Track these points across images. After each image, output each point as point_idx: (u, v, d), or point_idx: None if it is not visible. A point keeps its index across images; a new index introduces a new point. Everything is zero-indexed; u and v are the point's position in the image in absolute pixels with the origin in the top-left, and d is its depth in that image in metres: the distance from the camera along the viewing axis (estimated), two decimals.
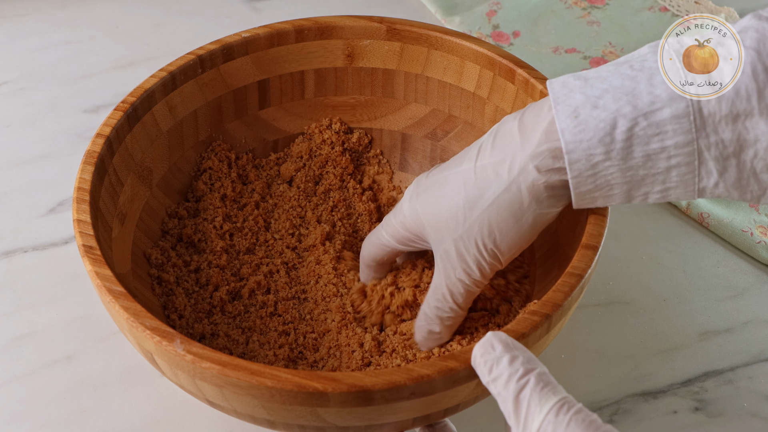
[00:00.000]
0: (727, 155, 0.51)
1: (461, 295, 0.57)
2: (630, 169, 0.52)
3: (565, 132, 0.52)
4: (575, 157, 0.52)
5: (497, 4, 0.97)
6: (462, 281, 0.57)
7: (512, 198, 0.54)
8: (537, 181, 0.54)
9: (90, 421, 0.63)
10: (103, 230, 0.59)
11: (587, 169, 0.52)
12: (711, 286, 0.73)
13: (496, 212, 0.55)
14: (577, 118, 0.52)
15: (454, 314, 0.58)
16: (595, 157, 0.52)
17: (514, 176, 0.54)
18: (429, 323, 0.59)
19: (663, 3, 0.98)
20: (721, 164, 0.51)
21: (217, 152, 0.72)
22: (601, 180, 0.52)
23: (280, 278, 0.67)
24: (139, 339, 0.53)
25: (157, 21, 0.96)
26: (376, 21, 0.71)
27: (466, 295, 0.58)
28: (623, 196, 0.53)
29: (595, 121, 0.51)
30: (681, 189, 0.52)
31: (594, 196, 0.54)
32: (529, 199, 0.54)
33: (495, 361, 0.47)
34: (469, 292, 0.57)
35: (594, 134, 0.51)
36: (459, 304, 0.58)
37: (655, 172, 0.52)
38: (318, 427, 0.52)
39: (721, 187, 0.52)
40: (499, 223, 0.55)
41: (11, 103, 0.87)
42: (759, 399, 0.66)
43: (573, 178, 0.53)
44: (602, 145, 0.51)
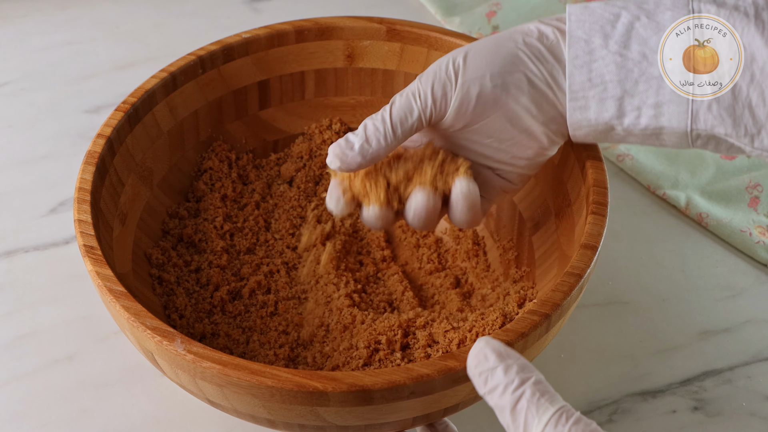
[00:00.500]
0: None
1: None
2: (625, 63, 0.53)
3: (572, 15, 0.54)
4: (575, 37, 0.53)
5: (497, 5, 0.97)
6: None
7: (503, 35, 0.56)
8: (533, 27, 0.56)
9: (91, 420, 0.64)
10: (104, 230, 0.59)
11: (585, 53, 0.53)
12: (710, 285, 0.73)
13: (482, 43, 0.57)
14: (587, 9, 0.54)
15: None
16: (594, 42, 0.53)
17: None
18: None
19: None
20: None
21: (218, 152, 0.72)
22: (596, 72, 0.53)
23: (280, 278, 0.67)
24: (139, 339, 0.53)
25: (158, 21, 0.97)
26: (376, 22, 0.71)
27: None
28: (616, 104, 0.53)
29: (601, 11, 0.54)
30: (674, 106, 0.52)
31: (587, 96, 0.54)
32: (519, 36, 0.56)
33: (489, 372, 0.46)
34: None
35: (597, 20, 0.53)
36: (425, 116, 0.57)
37: (650, 75, 0.52)
38: (318, 426, 0.52)
39: (714, 110, 0.52)
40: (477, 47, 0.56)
41: (12, 104, 0.87)
42: (758, 398, 0.66)
43: (570, 61, 0.54)
44: (602, 31, 0.53)
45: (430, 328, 0.61)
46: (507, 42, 0.56)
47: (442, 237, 0.72)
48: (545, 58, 0.55)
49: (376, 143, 0.55)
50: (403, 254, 0.72)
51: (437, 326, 0.60)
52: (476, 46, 0.57)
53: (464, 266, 0.70)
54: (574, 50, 0.54)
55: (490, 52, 0.56)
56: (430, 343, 0.60)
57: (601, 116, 0.54)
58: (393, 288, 0.68)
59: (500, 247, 0.69)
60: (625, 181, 0.81)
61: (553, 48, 0.55)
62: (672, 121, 0.53)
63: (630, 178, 0.81)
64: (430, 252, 0.71)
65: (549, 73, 0.55)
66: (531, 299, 0.62)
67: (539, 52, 0.55)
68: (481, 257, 0.70)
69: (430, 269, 0.70)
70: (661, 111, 0.53)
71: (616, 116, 0.54)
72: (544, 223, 0.65)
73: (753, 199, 0.78)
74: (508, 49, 0.56)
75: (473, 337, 0.59)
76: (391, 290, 0.68)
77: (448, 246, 0.71)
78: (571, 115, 0.55)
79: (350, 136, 0.55)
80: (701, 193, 0.78)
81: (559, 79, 0.55)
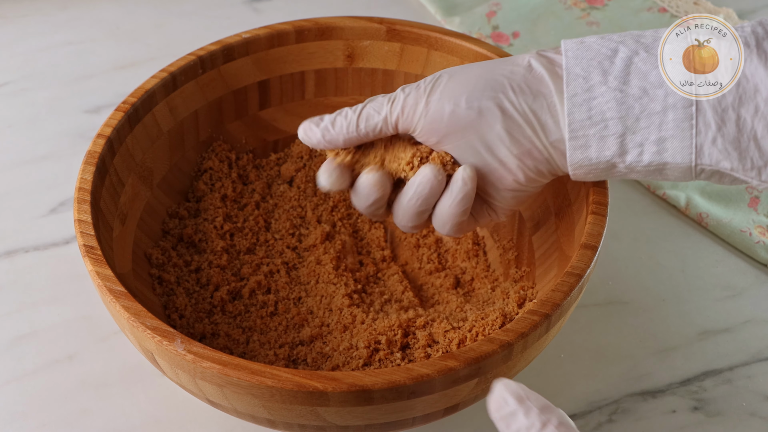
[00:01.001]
0: (725, 105, 0.50)
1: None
2: (626, 100, 0.52)
3: (569, 51, 0.53)
4: (573, 74, 0.52)
5: (497, 5, 0.97)
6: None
7: (495, 62, 0.56)
8: (526, 58, 0.55)
9: (91, 420, 0.64)
10: (104, 230, 0.59)
11: (584, 91, 0.52)
12: (710, 285, 0.73)
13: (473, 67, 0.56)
14: (583, 44, 0.53)
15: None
16: (593, 78, 0.52)
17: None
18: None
19: (662, 4, 0.98)
20: (719, 116, 0.50)
21: (218, 152, 0.72)
22: (596, 110, 0.52)
23: (280, 278, 0.67)
24: (139, 339, 0.53)
25: (158, 22, 0.97)
26: (376, 22, 0.71)
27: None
28: (618, 141, 0.52)
29: (598, 46, 0.53)
30: (678, 141, 0.51)
31: (587, 134, 0.53)
32: (508, 65, 0.55)
33: (511, 416, 0.45)
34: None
35: (595, 56, 0.52)
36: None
37: (651, 111, 0.51)
38: (318, 426, 0.52)
39: (719, 144, 0.51)
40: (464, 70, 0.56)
41: (12, 104, 0.87)
42: (758, 398, 0.66)
43: (568, 99, 0.52)
44: (601, 67, 0.52)
45: (430, 328, 0.61)
46: (495, 69, 0.55)
47: (442, 237, 0.72)
48: (529, 90, 0.54)
49: (338, 129, 0.57)
50: (403, 254, 0.72)
51: (437, 326, 0.60)
52: (465, 68, 0.57)
53: (464, 266, 0.70)
54: (573, 87, 0.53)
55: (475, 75, 0.55)
56: (430, 343, 0.60)
57: (603, 154, 0.53)
58: (393, 288, 0.68)
59: (500, 247, 0.69)
60: (625, 181, 0.81)
61: (539, 82, 0.54)
62: (676, 157, 0.52)
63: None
64: (430, 252, 0.71)
65: (529, 106, 0.54)
66: (531, 299, 0.62)
67: (524, 84, 0.54)
68: (481, 257, 0.70)
69: (430, 269, 0.70)
70: (665, 147, 0.52)
71: (618, 154, 0.53)
72: (544, 223, 0.65)
73: (753, 199, 0.78)
74: (493, 76, 0.55)
75: (473, 337, 0.59)
76: (391, 290, 0.68)
77: (448, 246, 0.71)
78: (571, 155, 0.54)
79: (325, 116, 0.58)
80: (701, 193, 0.78)
81: (540, 114, 0.54)
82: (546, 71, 0.54)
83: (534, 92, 0.54)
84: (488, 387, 0.54)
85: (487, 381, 0.53)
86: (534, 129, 0.54)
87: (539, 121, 0.54)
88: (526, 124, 0.54)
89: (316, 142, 0.58)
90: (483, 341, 0.51)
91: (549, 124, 0.54)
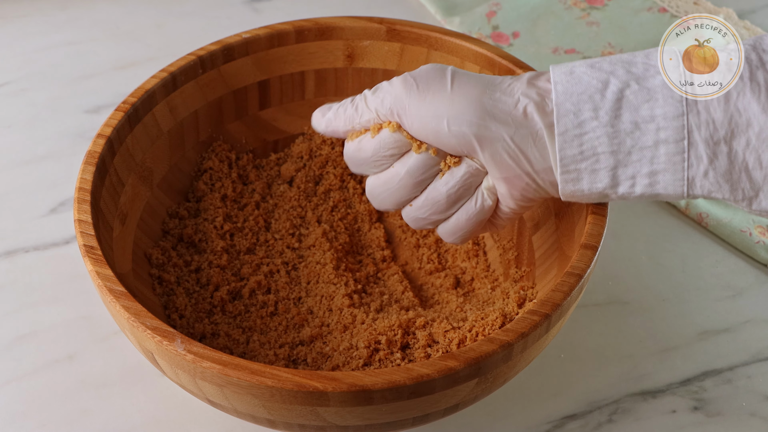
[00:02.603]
0: (718, 139, 0.50)
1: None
2: (617, 134, 0.51)
3: (558, 84, 0.52)
4: (564, 110, 0.52)
5: (497, 5, 0.97)
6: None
7: (486, 80, 0.55)
8: (521, 94, 0.54)
9: (91, 420, 0.64)
10: (104, 230, 0.59)
11: (574, 126, 0.52)
12: (710, 285, 0.73)
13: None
14: (572, 75, 0.53)
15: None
16: (583, 114, 0.51)
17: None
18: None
19: (662, 4, 0.98)
20: (711, 149, 0.50)
21: (218, 152, 0.72)
22: (587, 145, 0.52)
23: (280, 278, 0.67)
24: (140, 339, 0.53)
25: (158, 22, 0.97)
26: (376, 22, 0.71)
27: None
28: (609, 174, 0.52)
29: (588, 78, 0.52)
30: (670, 174, 0.51)
31: (579, 168, 0.53)
32: (495, 91, 0.54)
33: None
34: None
35: (585, 89, 0.52)
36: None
37: (643, 145, 0.51)
38: (318, 426, 0.52)
39: (711, 177, 0.51)
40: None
41: (12, 104, 0.87)
42: (758, 398, 0.66)
43: (559, 135, 0.52)
44: (591, 102, 0.51)
45: (430, 328, 0.61)
46: (483, 93, 0.54)
47: None
48: (513, 122, 0.53)
49: (339, 121, 0.60)
50: (403, 254, 0.72)
51: (437, 326, 0.60)
52: (455, 87, 0.55)
53: (464, 266, 0.70)
54: (564, 124, 0.52)
55: (461, 98, 0.54)
56: (430, 343, 0.60)
57: (594, 186, 0.53)
58: (393, 288, 0.68)
59: (500, 247, 0.69)
60: None
61: (526, 116, 0.53)
62: (668, 189, 0.52)
63: None
64: (430, 252, 0.71)
65: (512, 138, 0.53)
66: (531, 299, 0.62)
67: (509, 116, 0.53)
68: (481, 257, 0.70)
69: (430, 269, 0.70)
70: (656, 180, 0.52)
71: (609, 186, 0.53)
72: (544, 223, 0.65)
73: None
74: (480, 102, 0.54)
75: (473, 337, 0.59)
76: (391, 290, 0.68)
77: (448, 246, 0.71)
78: (563, 187, 0.54)
79: (333, 105, 0.61)
80: None
81: (524, 147, 0.53)
82: (534, 106, 0.53)
83: (519, 124, 0.53)
84: (488, 387, 0.54)
85: (487, 381, 0.53)
86: (517, 159, 0.54)
87: (523, 153, 0.54)
88: (508, 155, 0.54)
89: (322, 129, 0.62)
90: (483, 341, 0.51)
91: (534, 155, 0.54)
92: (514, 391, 0.65)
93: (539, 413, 0.65)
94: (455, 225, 0.59)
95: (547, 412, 0.65)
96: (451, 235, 0.59)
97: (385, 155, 0.57)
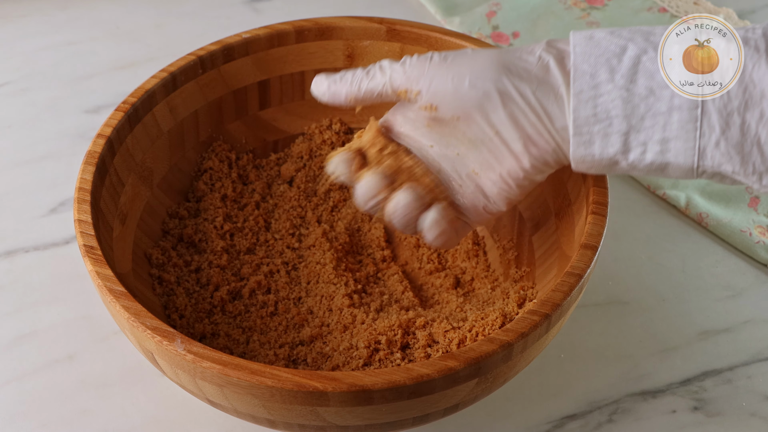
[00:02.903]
0: (731, 109, 0.50)
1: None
2: (632, 99, 0.52)
3: (577, 46, 0.53)
4: (581, 71, 0.52)
5: (497, 5, 0.97)
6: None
7: (507, 49, 0.57)
8: (537, 48, 0.55)
9: (91, 420, 0.64)
10: (104, 230, 0.59)
11: (590, 88, 0.52)
12: (710, 285, 0.73)
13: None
14: (591, 39, 0.53)
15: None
16: (600, 76, 0.52)
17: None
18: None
19: (662, 4, 0.98)
20: (724, 119, 0.50)
21: (218, 152, 0.72)
22: (601, 107, 0.52)
23: (280, 278, 0.67)
24: (139, 339, 0.53)
25: (158, 22, 0.97)
26: (376, 22, 0.71)
27: None
28: (621, 139, 0.53)
29: (607, 43, 0.53)
30: (681, 142, 0.51)
31: (592, 131, 0.53)
32: (519, 52, 0.56)
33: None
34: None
35: (603, 53, 0.52)
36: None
37: (657, 111, 0.51)
38: (318, 426, 0.52)
39: (722, 147, 0.51)
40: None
41: (13, 104, 0.87)
42: (758, 398, 0.66)
43: (574, 95, 0.53)
44: (608, 65, 0.52)
45: (430, 328, 0.61)
46: (504, 54, 0.56)
47: None
48: (535, 78, 0.54)
49: (343, 83, 0.60)
50: (403, 254, 0.72)
51: (437, 326, 0.60)
52: (477, 51, 0.57)
53: (464, 266, 0.70)
54: (579, 84, 0.53)
55: (482, 57, 0.56)
56: (430, 343, 0.60)
57: (606, 151, 0.53)
58: (393, 288, 0.68)
59: (500, 247, 0.69)
60: (625, 181, 0.81)
61: (547, 72, 0.54)
62: (678, 158, 0.52)
63: (630, 178, 0.81)
64: (430, 252, 0.71)
65: (533, 93, 0.54)
66: (531, 299, 0.62)
67: (531, 71, 0.54)
68: (481, 257, 0.70)
69: (430, 269, 0.70)
70: (668, 147, 0.52)
71: (620, 151, 0.53)
72: (544, 223, 0.65)
73: (753, 199, 0.78)
74: (501, 60, 0.55)
75: (473, 337, 0.59)
76: (391, 290, 0.68)
77: None
78: (575, 150, 0.54)
79: (340, 72, 0.61)
80: (701, 193, 0.78)
81: (545, 102, 0.54)
82: (555, 62, 0.54)
83: (540, 80, 0.54)
84: (488, 387, 0.54)
85: (487, 381, 0.53)
86: (538, 116, 0.55)
87: (544, 109, 0.54)
88: (530, 110, 0.55)
89: (321, 92, 0.61)
90: (483, 341, 0.51)
91: (555, 112, 0.54)
92: (514, 391, 0.65)
93: (539, 413, 0.65)
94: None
95: (547, 412, 0.65)
96: (430, 229, 0.59)
97: (375, 197, 0.59)
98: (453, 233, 0.60)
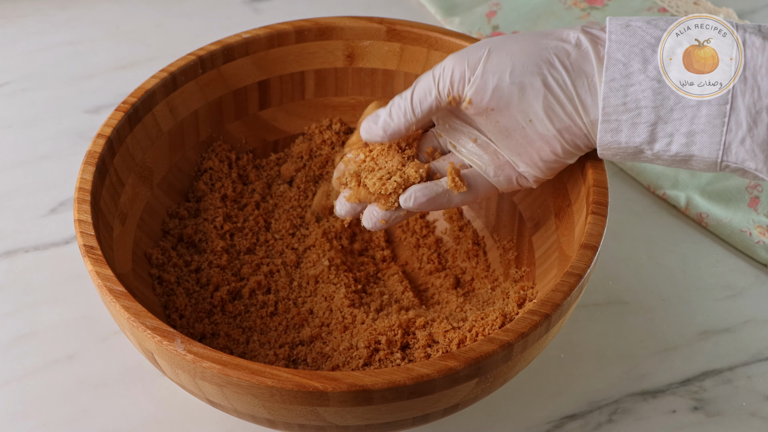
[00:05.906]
0: (760, 108, 0.50)
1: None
2: (662, 90, 0.52)
3: (612, 34, 0.54)
4: (614, 59, 0.53)
5: (497, 5, 0.97)
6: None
7: (541, 34, 0.57)
8: (572, 34, 0.55)
9: (91, 420, 0.64)
10: (104, 230, 0.59)
11: (622, 77, 0.53)
12: (710, 285, 0.73)
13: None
14: (628, 28, 0.54)
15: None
16: (633, 65, 0.52)
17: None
18: None
19: (662, 4, 0.98)
20: (752, 117, 0.50)
21: (218, 152, 0.72)
22: (631, 97, 0.53)
23: (280, 278, 0.67)
24: (140, 339, 0.53)
25: (158, 22, 0.97)
26: (376, 22, 0.71)
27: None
28: (648, 129, 0.53)
29: (643, 33, 0.53)
30: (708, 137, 0.52)
31: (620, 120, 0.53)
32: (555, 40, 0.55)
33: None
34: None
35: (638, 42, 0.53)
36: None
37: (686, 104, 0.52)
38: (318, 426, 0.52)
39: (747, 145, 0.51)
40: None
41: (13, 104, 0.87)
42: (757, 398, 0.66)
43: (606, 83, 0.53)
44: (642, 55, 0.52)
45: (430, 328, 0.61)
46: (540, 42, 0.56)
47: (442, 237, 0.72)
48: (573, 68, 0.55)
49: (396, 120, 0.59)
50: (403, 254, 0.72)
51: (437, 326, 0.60)
52: (510, 39, 0.57)
53: (464, 266, 0.70)
54: (611, 72, 0.53)
55: (520, 48, 0.56)
56: (430, 343, 0.60)
57: (632, 140, 0.54)
58: (393, 288, 0.68)
59: (500, 247, 0.69)
60: (625, 181, 0.81)
61: (584, 60, 0.55)
62: (703, 151, 0.53)
63: (630, 178, 0.81)
64: (430, 252, 0.71)
65: (572, 83, 0.55)
66: (531, 299, 0.62)
67: (569, 60, 0.55)
68: (481, 257, 0.70)
69: (430, 269, 0.70)
70: (693, 140, 0.52)
71: (647, 141, 0.54)
72: (544, 223, 0.65)
73: (753, 199, 0.78)
74: (539, 51, 0.56)
75: (473, 337, 0.59)
76: (391, 290, 0.68)
77: (448, 246, 0.71)
78: (601, 137, 0.55)
79: (380, 111, 0.61)
80: (701, 193, 0.78)
81: (581, 92, 0.55)
82: (592, 51, 0.55)
83: (577, 70, 0.55)
84: (488, 387, 0.54)
85: (487, 381, 0.53)
86: (575, 106, 0.55)
87: (580, 100, 0.55)
88: (568, 101, 0.55)
89: (380, 138, 0.61)
90: (483, 341, 0.51)
91: (588, 102, 0.55)
92: (514, 391, 0.65)
93: (539, 413, 0.65)
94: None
95: (547, 412, 0.65)
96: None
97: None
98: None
